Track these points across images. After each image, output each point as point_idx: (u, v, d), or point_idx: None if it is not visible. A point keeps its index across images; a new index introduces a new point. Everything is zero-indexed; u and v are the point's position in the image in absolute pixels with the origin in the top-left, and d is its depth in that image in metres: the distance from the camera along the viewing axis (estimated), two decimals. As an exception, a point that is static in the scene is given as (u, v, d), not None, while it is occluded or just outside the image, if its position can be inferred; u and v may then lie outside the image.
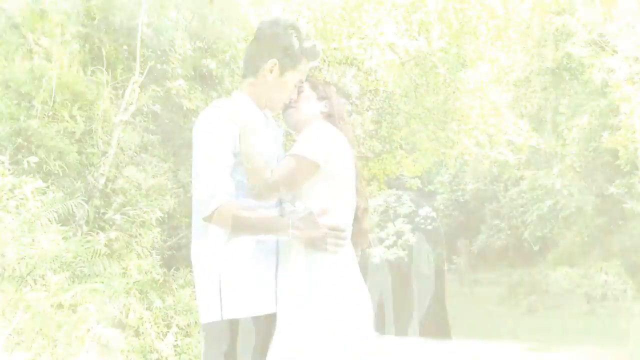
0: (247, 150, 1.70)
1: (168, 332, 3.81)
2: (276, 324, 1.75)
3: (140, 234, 4.37)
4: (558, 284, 17.59)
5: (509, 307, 19.44)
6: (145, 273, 4.19)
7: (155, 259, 4.53)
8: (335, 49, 7.72)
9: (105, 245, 3.78)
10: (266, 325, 1.73)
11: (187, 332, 4.00)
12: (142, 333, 3.60)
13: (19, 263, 2.88)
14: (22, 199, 3.39)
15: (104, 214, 4.18)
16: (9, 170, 3.79)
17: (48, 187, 3.87)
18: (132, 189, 4.55)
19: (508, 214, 17.79)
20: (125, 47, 6.20)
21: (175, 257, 5.20)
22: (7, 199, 3.31)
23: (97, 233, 3.98)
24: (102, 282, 3.24)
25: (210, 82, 6.86)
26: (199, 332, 3.97)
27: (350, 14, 8.12)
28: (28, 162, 3.95)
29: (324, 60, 7.68)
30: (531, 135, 10.03)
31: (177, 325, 3.90)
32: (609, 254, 15.06)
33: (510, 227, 17.75)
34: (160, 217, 4.69)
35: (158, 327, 3.80)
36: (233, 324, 1.66)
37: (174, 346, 3.77)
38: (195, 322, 3.99)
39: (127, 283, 3.79)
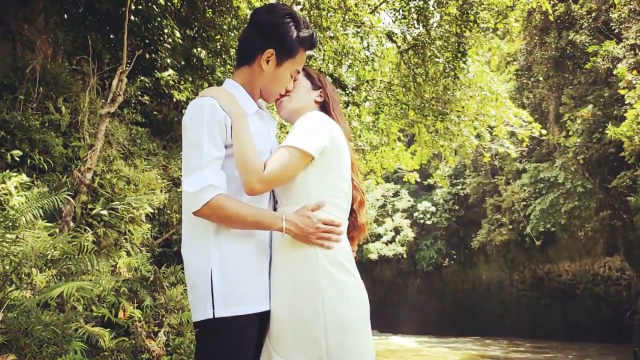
0: (238, 141, 1.69)
1: (159, 331, 3.81)
2: (269, 323, 1.75)
3: (129, 231, 4.37)
4: (561, 279, 17.70)
5: (511, 304, 19.57)
6: (135, 271, 4.19)
7: (145, 256, 4.53)
8: (331, 37, 7.70)
9: (93, 242, 3.77)
10: (259, 323, 1.73)
11: (178, 331, 4.00)
12: (132, 332, 3.60)
13: (2, 261, 2.86)
14: (5, 194, 3.37)
15: (91, 209, 4.16)
16: (-9, 164, 3.78)
17: (33, 182, 3.85)
18: (121, 183, 4.54)
19: (509, 208, 17.86)
20: (111, 35, 6.17)
21: (166, 254, 5.20)
22: (-10, 195, 3.29)
23: (85, 229, 3.96)
24: (90, 280, 3.23)
25: (201, 72, 6.83)
26: (191, 331, 3.97)
27: (347, 1, 8.10)
28: (11, 155, 3.92)
29: (320, 49, 7.66)
30: (533, 127, 10.06)
31: (168, 324, 3.90)
32: (612, 249, 15.16)
33: (512, 221, 17.83)
34: (150, 212, 4.69)
35: (149, 326, 3.80)
36: (225, 323, 1.66)
37: (165, 345, 3.78)
38: (188, 321, 4.00)
39: (116, 281, 3.78)
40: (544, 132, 10.27)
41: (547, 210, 15.42)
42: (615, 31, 12.08)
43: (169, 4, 6.63)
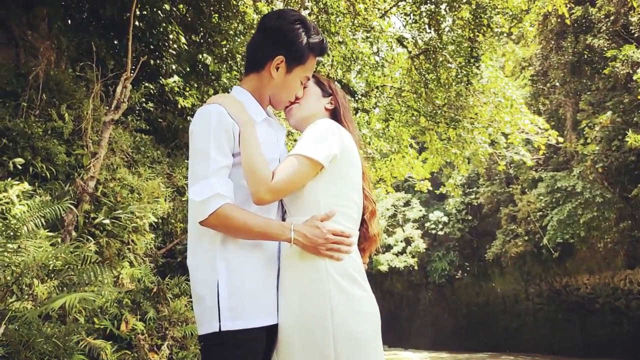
0: (246, 149, 1.70)
1: (162, 344, 3.82)
2: (277, 337, 1.75)
3: (132, 240, 4.39)
4: (579, 293, 17.52)
5: (527, 318, 19.38)
6: (138, 282, 4.20)
7: (148, 266, 4.55)
8: (339, 42, 7.74)
9: (96, 252, 3.79)
10: (267, 337, 1.73)
11: (182, 344, 4.01)
12: (135, 345, 3.61)
13: (4, 271, 2.89)
14: (7, 203, 3.40)
15: (94, 219, 4.19)
16: (-7, 172, 3.83)
17: (35, 190, 3.89)
18: (124, 192, 4.57)
19: (525, 218, 17.73)
20: (116, 41, 6.24)
21: (170, 265, 5.22)
22: (-8, 203, 3.33)
23: (87, 239, 3.99)
24: (93, 292, 3.25)
25: (207, 78, 6.88)
26: (195, 345, 3.98)
27: (356, 5, 8.15)
28: (14, 163, 3.97)
29: (328, 55, 7.69)
30: (549, 134, 10.02)
31: (172, 337, 3.91)
32: (633, 261, 14.99)
33: (528, 232, 17.70)
34: (154, 222, 4.71)
35: (152, 339, 3.81)
36: (232, 336, 1.65)
37: (169, 359, 3.79)
38: (192, 334, 4.00)
39: (119, 292, 3.80)
40: (560, 139, 10.23)
41: (565, 221, 15.30)
42: (635, 35, 12.04)
43: (174, 9, 6.70)
